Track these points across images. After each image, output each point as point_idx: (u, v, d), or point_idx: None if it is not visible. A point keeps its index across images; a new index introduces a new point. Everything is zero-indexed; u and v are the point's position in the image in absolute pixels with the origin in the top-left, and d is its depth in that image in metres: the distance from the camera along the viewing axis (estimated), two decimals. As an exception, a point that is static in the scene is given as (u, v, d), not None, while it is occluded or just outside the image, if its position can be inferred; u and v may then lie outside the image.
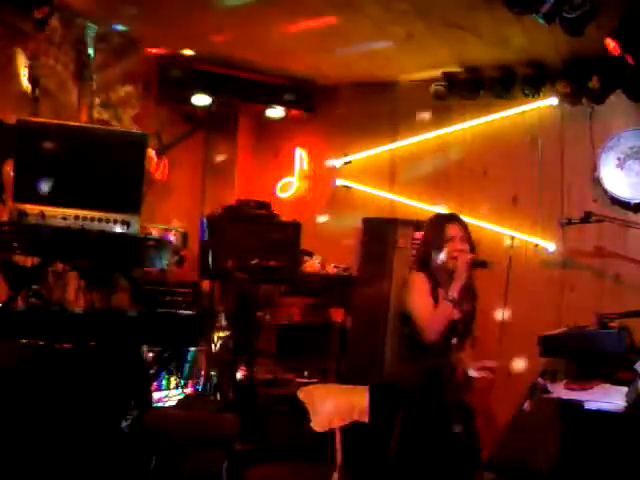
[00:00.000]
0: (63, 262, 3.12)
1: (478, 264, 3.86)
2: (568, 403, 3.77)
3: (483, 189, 5.67)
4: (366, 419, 4.01)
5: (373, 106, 6.03)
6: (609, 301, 4.99)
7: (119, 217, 2.94)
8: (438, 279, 3.86)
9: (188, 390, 5.02)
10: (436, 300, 3.81)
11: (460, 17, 4.63)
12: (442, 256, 3.82)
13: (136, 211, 3.01)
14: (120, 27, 5.16)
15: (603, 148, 5.16)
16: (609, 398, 3.64)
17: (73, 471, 2.85)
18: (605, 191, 5.19)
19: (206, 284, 5.50)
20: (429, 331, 3.72)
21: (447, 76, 5.67)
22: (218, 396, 4.81)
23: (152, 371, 3.45)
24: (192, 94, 5.77)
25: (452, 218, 3.99)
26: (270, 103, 6.07)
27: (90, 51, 5.12)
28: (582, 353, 4.18)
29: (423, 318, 3.75)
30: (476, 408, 5.28)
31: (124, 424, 3.10)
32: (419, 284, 3.82)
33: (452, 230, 3.89)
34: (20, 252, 3.08)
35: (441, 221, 3.97)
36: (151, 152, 5.21)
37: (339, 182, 6.20)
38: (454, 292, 3.72)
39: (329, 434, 4.25)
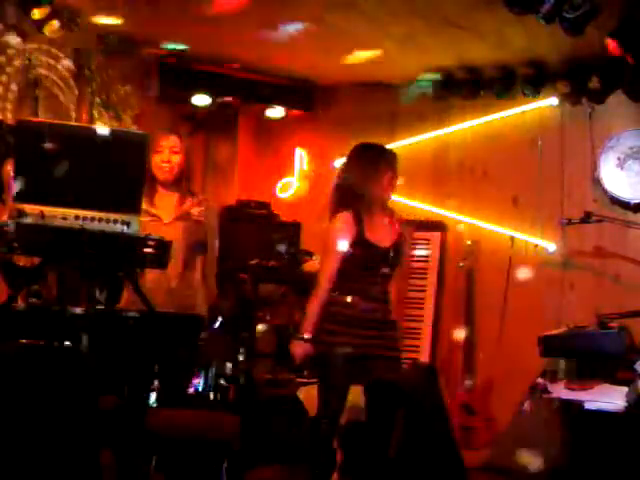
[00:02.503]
0: (63, 262, 3.12)
1: None
2: (568, 403, 3.77)
3: (483, 189, 5.67)
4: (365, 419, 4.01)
5: (373, 106, 6.03)
6: (609, 301, 4.99)
7: (119, 217, 2.94)
8: (364, 215, 3.82)
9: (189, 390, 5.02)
10: (358, 238, 3.77)
11: (460, 17, 4.63)
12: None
13: (136, 211, 3.01)
14: (120, 27, 5.16)
15: (603, 148, 5.16)
16: (609, 398, 3.64)
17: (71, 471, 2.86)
18: (605, 191, 5.19)
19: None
20: (316, 281, 3.79)
21: (447, 76, 5.68)
22: (218, 396, 4.81)
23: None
24: (192, 94, 5.78)
25: (387, 151, 4.00)
26: (270, 103, 6.08)
27: (90, 51, 5.12)
28: (582, 353, 4.18)
29: (321, 278, 3.79)
30: (476, 408, 5.31)
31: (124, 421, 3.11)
32: (339, 229, 3.79)
33: (388, 175, 3.91)
34: (20, 252, 3.09)
35: (389, 155, 3.97)
36: None
37: (339, 182, 6.19)
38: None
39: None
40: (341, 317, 3.83)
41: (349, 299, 3.82)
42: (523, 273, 5.40)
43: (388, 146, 5.94)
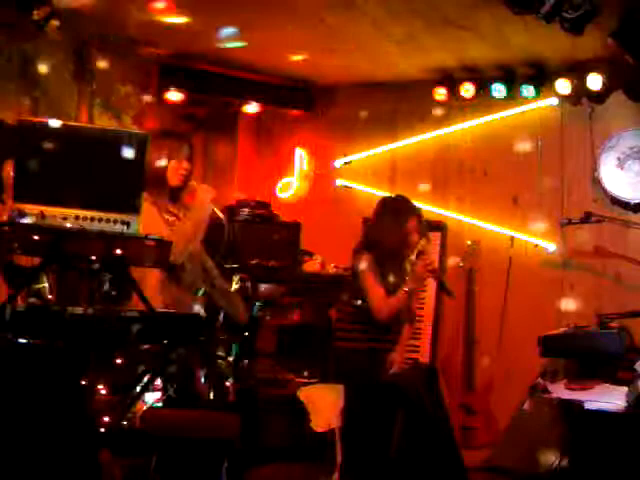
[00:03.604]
0: (63, 262, 3.12)
1: (442, 286, 4.30)
2: (568, 403, 3.77)
3: (483, 189, 5.67)
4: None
5: (373, 106, 6.03)
6: (609, 301, 4.99)
7: (119, 217, 2.94)
8: (384, 262, 4.09)
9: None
10: (384, 286, 4.05)
11: (460, 17, 4.63)
12: (412, 258, 4.09)
13: (136, 211, 3.01)
14: (120, 27, 5.16)
15: (603, 148, 5.16)
16: (609, 398, 3.64)
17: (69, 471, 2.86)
18: (605, 191, 5.19)
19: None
20: (382, 317, 4.02)
21: (447, 76, 5.68)
22: (218, 396, 4.81)
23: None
24: (192, 94, 5.78)
25: (412, 211, 4.17)
26: (270, 103, 6.08)
27: (90, 52, 5.12)
28: (582, 353, 4.18)
29: (376, 306, 4.03)
30: (476, 408, 5.31)
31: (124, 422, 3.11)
32: (370, 270, 4.06)
33: (412, 223, 4.10)
34: (20, 252, 3.08)
35: (404, 213, 4.15)
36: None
37: (339, 182, 6.20)
38: (410, 286, 4.03)
39: (329, 434, 4.25)
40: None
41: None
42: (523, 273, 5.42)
43: (389, 146, 6.02)
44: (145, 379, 3.20)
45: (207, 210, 3.86)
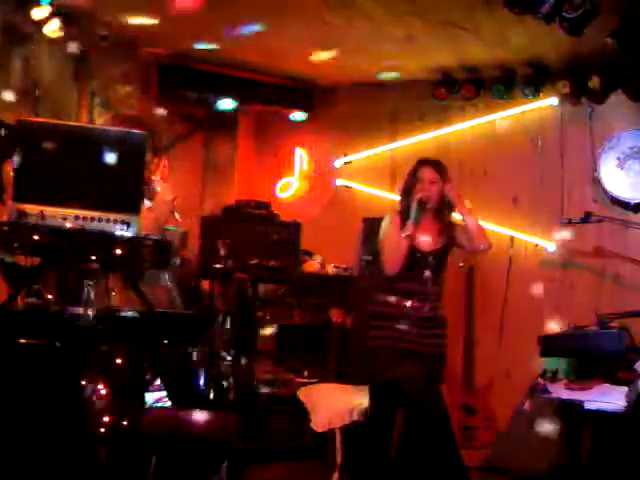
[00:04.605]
0: (63, 262, 3.12)
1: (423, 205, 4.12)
2: (568, 403, 3.78)
3: (483, 189, 5.67)
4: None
5: (373, 106, 6.03)
6: (609, 301, 4.99)
7: (119, 217, 2.94)
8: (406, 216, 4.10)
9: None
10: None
11: (460, 17, 4.63)
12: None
13: (136, 211, 3.01)
14: (120, 27, 5.16)
15: (603, 148, 5.16)
16: (609, 398, 3.64)
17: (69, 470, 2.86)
18: (605, 191, 5.18)
19: (206, 284, 5.49)
20: (387, 264, 4.05)
21: (447, 76, 5.68)
22: (218, 396, 4.81)
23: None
24: (192, 94, 5.78)
25: (426, 162, 4.16)
26: (270, 103, 6.08)
27: (90, 51, 5.12)
28: (582, 353, 4.18)
29: (385, 254, 4.08)
30: (476, 408, 5.31)
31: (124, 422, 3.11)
32: (388, 224, 4.14)
33: (423, 173, 4.10)
34: (20, 252, 3.09)
35: (416, 165, 4.18)
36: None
37: (339, 182, 6.20)
38: (407, 229, 4.00)
39: (329, 434, 4.25)
40: (384, 315, 4.03)
41: (392, 299, 4.04)
42: (523, 273, 5.41)
43: (388, 146, 6.02)
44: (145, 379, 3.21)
45: (167, 208, 3.88)
